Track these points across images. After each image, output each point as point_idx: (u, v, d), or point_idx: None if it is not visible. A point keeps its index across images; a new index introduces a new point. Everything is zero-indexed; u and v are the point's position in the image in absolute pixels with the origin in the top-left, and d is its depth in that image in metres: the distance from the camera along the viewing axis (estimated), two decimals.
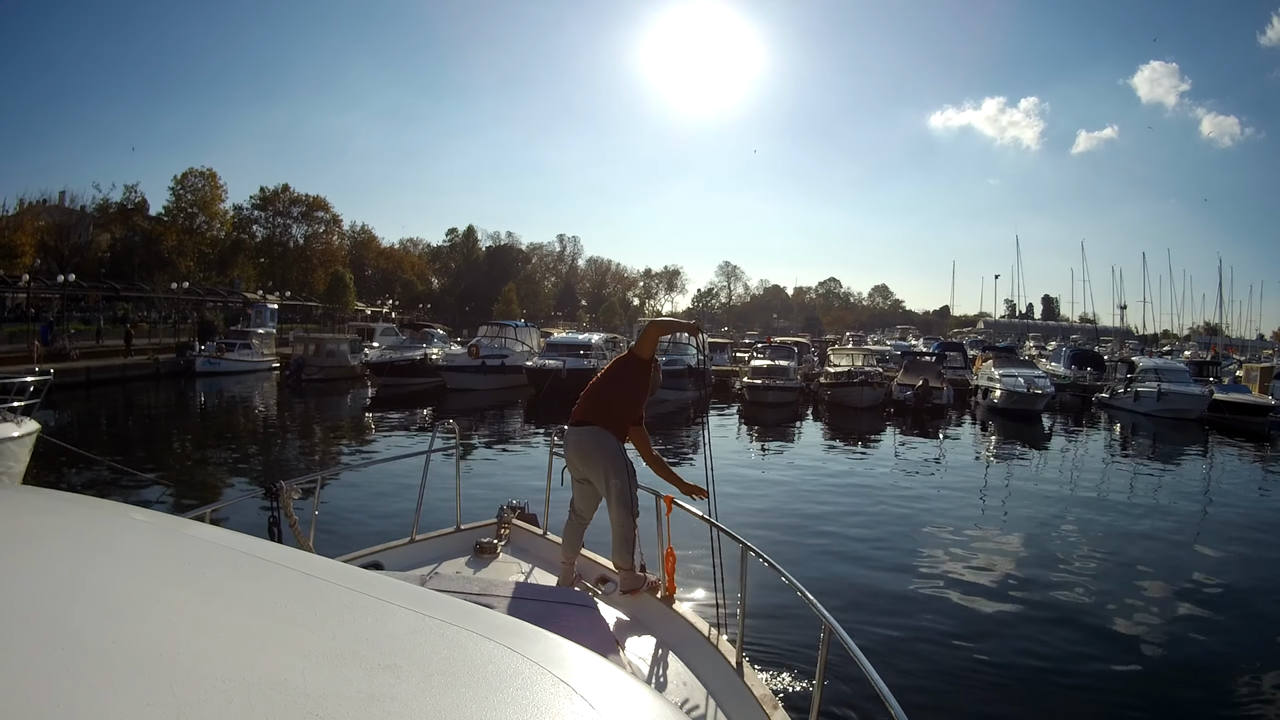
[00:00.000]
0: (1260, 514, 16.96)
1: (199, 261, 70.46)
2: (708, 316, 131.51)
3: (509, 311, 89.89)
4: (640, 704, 1.32)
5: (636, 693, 1.38)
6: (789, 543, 12.08)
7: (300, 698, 1.05)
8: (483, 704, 1.11)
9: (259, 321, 51.48)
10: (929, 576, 10.83)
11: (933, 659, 8.00)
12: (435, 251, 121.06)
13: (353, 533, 10.07)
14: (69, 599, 1.29)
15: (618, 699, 1.28)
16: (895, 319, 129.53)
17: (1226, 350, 63.25)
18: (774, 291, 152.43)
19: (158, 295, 55.93)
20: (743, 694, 4.09)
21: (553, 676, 1.22)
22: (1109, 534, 13.92)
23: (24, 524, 1.77)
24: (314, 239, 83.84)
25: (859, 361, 38.74)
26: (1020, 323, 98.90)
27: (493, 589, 4.79)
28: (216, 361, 41.40)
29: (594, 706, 1.17)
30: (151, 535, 1.83)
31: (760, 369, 35.80)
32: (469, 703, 1.11)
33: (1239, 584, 11.41)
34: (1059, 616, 9.51)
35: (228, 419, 29.81)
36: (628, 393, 5.77)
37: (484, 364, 37.41)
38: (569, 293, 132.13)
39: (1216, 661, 8.56)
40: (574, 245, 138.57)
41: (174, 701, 0.99)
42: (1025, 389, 32.90)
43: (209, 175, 71.88)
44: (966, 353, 50.71)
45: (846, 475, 19.19)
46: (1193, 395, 33.98)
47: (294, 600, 1.44)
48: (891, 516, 14.52)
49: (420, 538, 6.45)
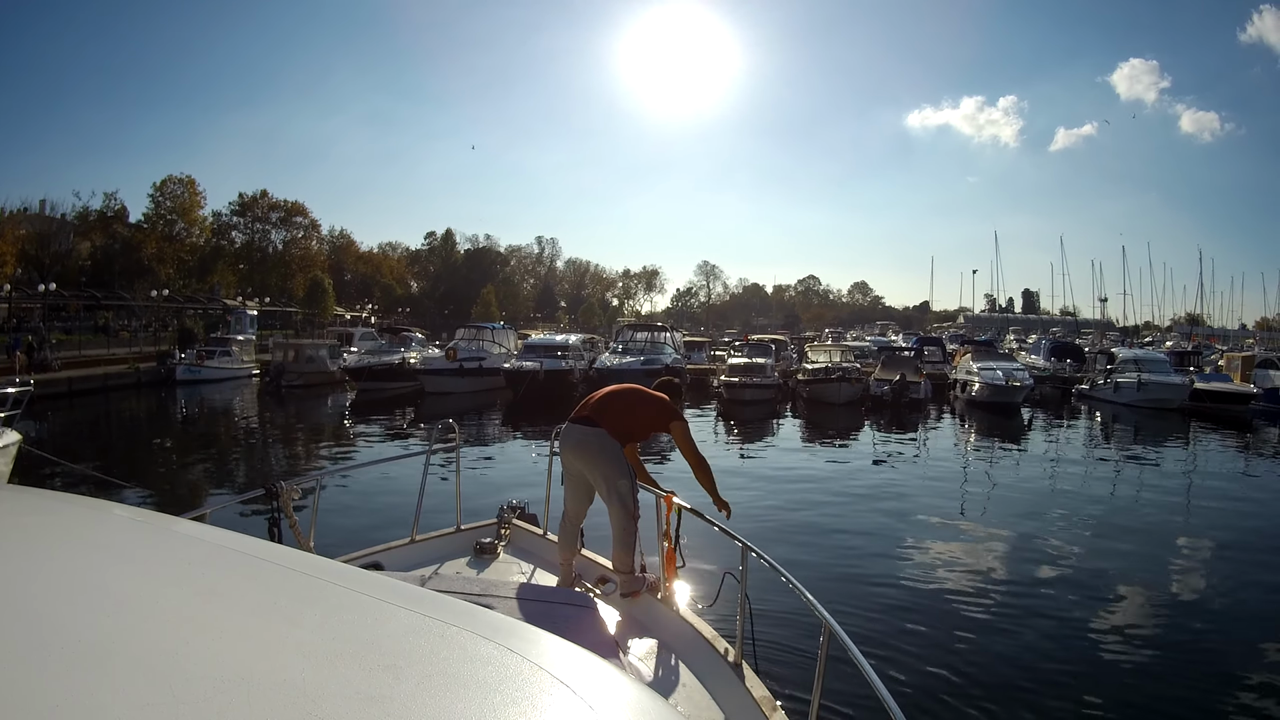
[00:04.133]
0: (1245, 501, 17.12)
1: (178, 269, 69.91)
2: (687, 316, 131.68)
3: (488, 314, 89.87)
4: (640, 704, 1.32)
5: (636, 693, 1.37)
6: (776, 541, 12.06)
7: (300, 698, 1.04)
8: (482, 704, 1.11)
9: (239, 328, 51.13)
10: (918, 575, 10.84)
11: (931, 659, 7.97)
12: (414, 255, 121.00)
13: (353, 533, 9.98)
14: (68, 598, 1.28)
15: (617, 700, 1.28)
16: (875, 315, 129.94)
17: (1209, 340, 64.04)
18: (753, 290, 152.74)
19: (138, 303, 55.64)
20: (742, 694, 4.10)
21: (552, 677, 1.22)
22: (1093, 526, 14.01)
23: (22, 523, 1.75)
24: (293, 244, 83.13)
25: (836, 358, 38.69)
26: (1000, 317, 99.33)
27: (493, 589, 4.78)
28: (197, 369, 41.12)
29: (593, 707, 1.17)
30: (150, 535, 1.82)
31: (737, 367, 35.77)
32: (469, 703, 1.11)
33: (1226, 573, 11.56)
34: (1052, 613, 9.54)
35: (209, 427, 29.67)
36: (644, 426, 5.92)
37: (461, 367, 37.31)
38: (548, 294, 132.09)
39: (1207, 652, 8.63)
40: (553, 247, 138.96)
41: (173, 701, 0.98)
42: (1003, 382, 33.02)
43: (188, 182, 71.46)
44: (945, 347, 50.84)
45: (825, 471, 19.32)
46: (1173, 385, 34.20)
47: (293, 600, 1.43)
48: (873, 513, 14.51)
49: (420, 538, 6.44)
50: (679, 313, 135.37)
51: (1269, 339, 69.60)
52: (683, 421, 5.90)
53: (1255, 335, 79.37)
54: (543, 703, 1.15)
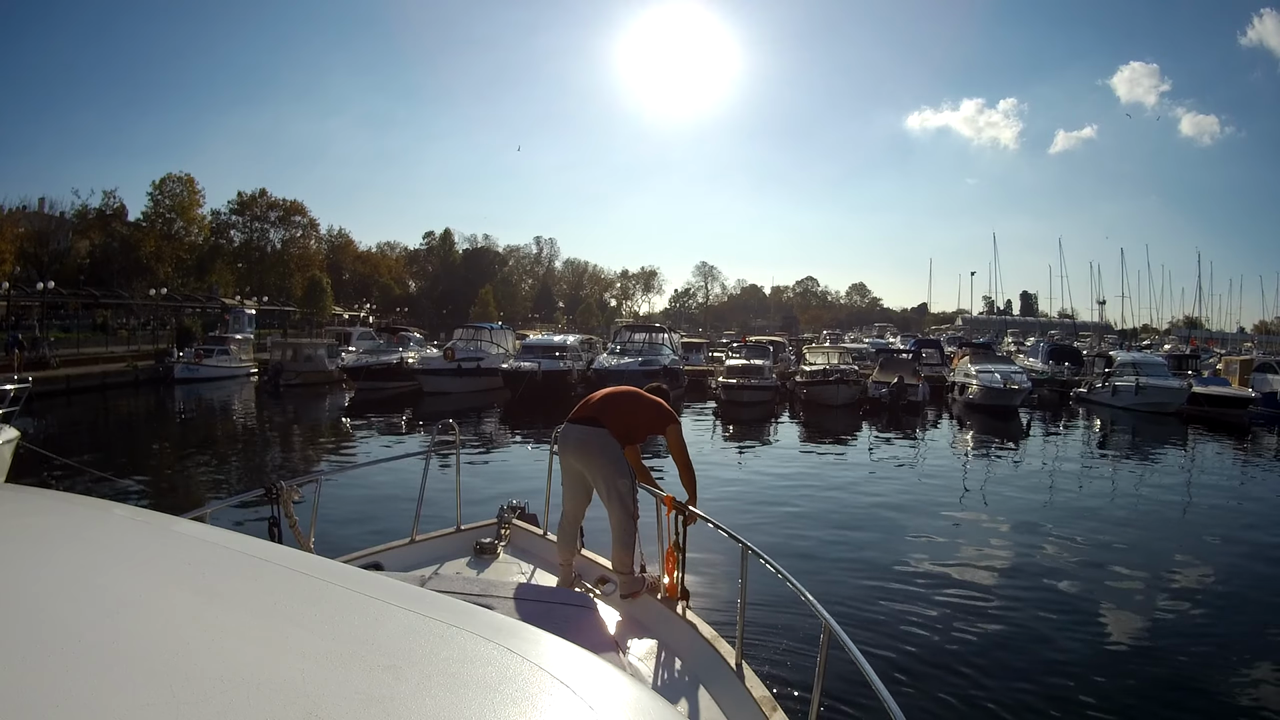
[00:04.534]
0: (1242, 504, 17.16)
1: (177, 267, 69.78)
2: (685, 317, 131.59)
3: (486, 314, 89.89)
4: (640, 704, 1.32)
5: (636, 693, 1.37)
6: (775, 541, 12.06)
7: (300, 698, 1.04)
8: (482, 705, 1.11)
9: (237, 327, 51.37)
10: (918, 575, 10.85)
11: (932, 659, 7.99)
12: (412, 255, 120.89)
13: (353, 533, 9.99)
14: (69, 599, 1.28)
15: (617, 700, 1.29)
16: (873, 317, 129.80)
17: (1207, 343, 63.86)
18: (751, 291, 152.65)
19: (136, 301, 55.68)
20: (742, 694, 4.09)
21: (552, 677, 1.22)
22: (1091, 529, 13.99)
23: (23, 524, 1.75)
24: (291, 243, 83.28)
25: (834, 359, 38.53)
26: (999, 319, 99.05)
27: (493, 590, 4.77)
28: (195, 368, 41.28)
29: (593, 707, 1.17)
30: (151, 535, 1.82)
31: (735, 368, 35.79)
32: (469, 703, 1.10)
33: (1224, 575, 11.58)
34: (1052, 614, 9.55)
35: (207, 425, 29.67)
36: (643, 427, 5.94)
37: (459, 367, 37.38)
38: (546, 294, 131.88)
39: (1205, 651, 8.64)
40: (551, 247, 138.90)
41: (173, 701, 0.98)
42: (1002, 385, 33.01)
43: (187, 181, 71.19)
44: (943, 349, 50.62)
45: (824, 473, 19.28)
46: (1170, 388, 34.09)
47: (294, 601, 1.43)
48: (871, 514, 14.53)
49: (420, 538, 6.44)
50: (677, 314, 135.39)
51: (1267, 343, 69.65)
52: (678, 425, 5.94)
53: (1254, 339, 79.36)
54: (543, 703, 1.15)
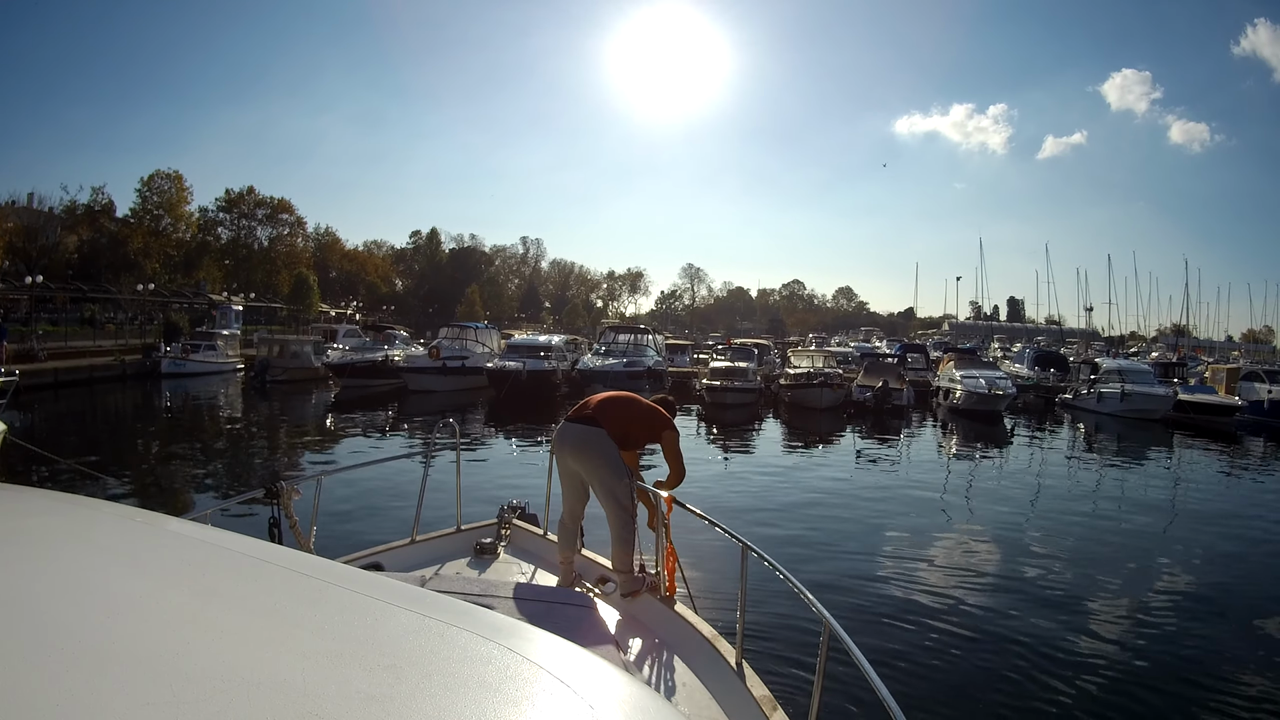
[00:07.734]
0: (1226, 511, 17.19)
1: (165, 263, 69.75)
2: (671, 318, 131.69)
3: (472, 313, 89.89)
4: (640, 704, 1.32)
5: (636, 693, 1.37)
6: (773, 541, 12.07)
7: (300, 698, 1.05)
8: (482, 704, 1.11)
9: (224, 323, 51.21)
10: (918, 575, 10.92)
11: (932, 658, 8.03)
12: (399, 253, 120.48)
13: (353, 533, 9.97)
14: (69, 599, 1.28)
15: (617, 699, 1.29)
16: (860, 321, 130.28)
17: (1194, 351, 64.14)
18: (737, 293, 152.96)
19: (124, 296, 55.49)
20: (743, 694, 4.09)
21: (553, 677, 1.23)
22: (1082, 531, 14.17)
23: (22, 524, 1.75)
24: (278, 241, 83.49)
25: (819, 363, 38.69)
26: (985, 324, 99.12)
27: (493, 590, 4.79)
28: (182, 363, 41.41)
29: (593, 707, 1.17)
30: (151, 536, 1.82)
31: (719, 370, 35.89)
32: (469, 703, 1.11)
33: (1210, 580, 11.65)
34: (1051, 613, 9.62)
35: (194, 420, 29.64)
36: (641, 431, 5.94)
37: (445, 365, 37.43)
38: (532, 295, 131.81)
39: (1203, 652, 8.73)
40: (537, 247, 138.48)
41: (173, 701, 0.99)
42: (986, 390, 33.05)
43: (175, 177, 71.30)
44: (929, 354, 50.93)
45: (807, 475, 19.33)
46: (1156, 395, 34.31)
47: (294, 601, 1.43)
48: (869, 515, 14.62)
49: (420, 538, 6.44)
50: (663, 315, 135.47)
51: (1255, 351, 70.12)
52: (675, 432, 5.97)
53: (1241, 347, 79.92)
54: (543, 703, 1.16)
